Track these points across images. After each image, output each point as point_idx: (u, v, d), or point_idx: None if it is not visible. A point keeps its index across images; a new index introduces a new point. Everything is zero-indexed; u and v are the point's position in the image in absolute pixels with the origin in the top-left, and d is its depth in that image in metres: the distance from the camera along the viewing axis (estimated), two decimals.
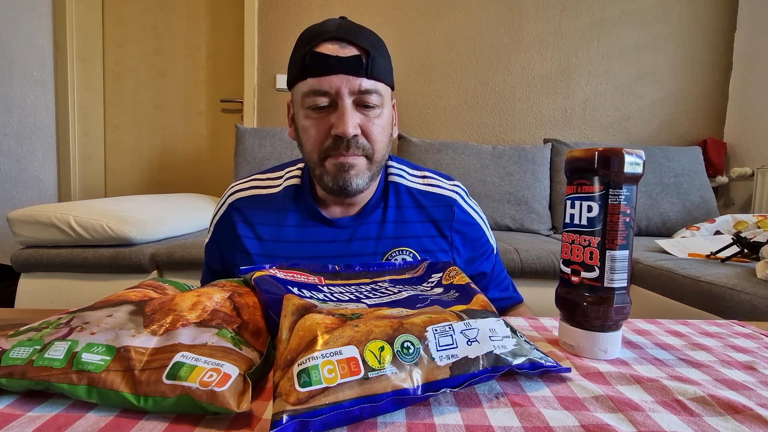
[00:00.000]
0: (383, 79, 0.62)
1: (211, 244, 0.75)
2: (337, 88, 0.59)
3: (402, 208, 0.71)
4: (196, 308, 0.38)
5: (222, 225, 0.72)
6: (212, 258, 0.76)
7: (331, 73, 0.58)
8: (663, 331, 0.53)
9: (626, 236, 0.42)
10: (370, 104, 0.61)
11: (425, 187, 0.73)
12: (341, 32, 0.59)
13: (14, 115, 2.25)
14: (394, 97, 0.69)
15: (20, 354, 0.32)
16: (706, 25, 2.30)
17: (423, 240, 0.70)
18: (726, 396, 0.34)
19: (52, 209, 1.36)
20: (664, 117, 2.34)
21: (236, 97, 2.36)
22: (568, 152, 0.45)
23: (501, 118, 2.32)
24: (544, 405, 0.33)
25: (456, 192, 0.74)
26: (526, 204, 1.95)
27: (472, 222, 0.74)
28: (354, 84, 0.59)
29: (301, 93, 0.62)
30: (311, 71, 0.59)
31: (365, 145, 0.62)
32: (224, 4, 2.36)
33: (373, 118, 0.62)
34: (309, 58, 0.59)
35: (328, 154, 0.62)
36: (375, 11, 2.25)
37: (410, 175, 0.75)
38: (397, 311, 0.37)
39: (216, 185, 2.40)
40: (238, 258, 0.70)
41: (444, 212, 0.71)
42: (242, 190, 0.73)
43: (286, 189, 0.72)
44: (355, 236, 0.69)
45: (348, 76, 0.59)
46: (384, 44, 0.64)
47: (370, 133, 0.62)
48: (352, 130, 0.59)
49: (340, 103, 0.59)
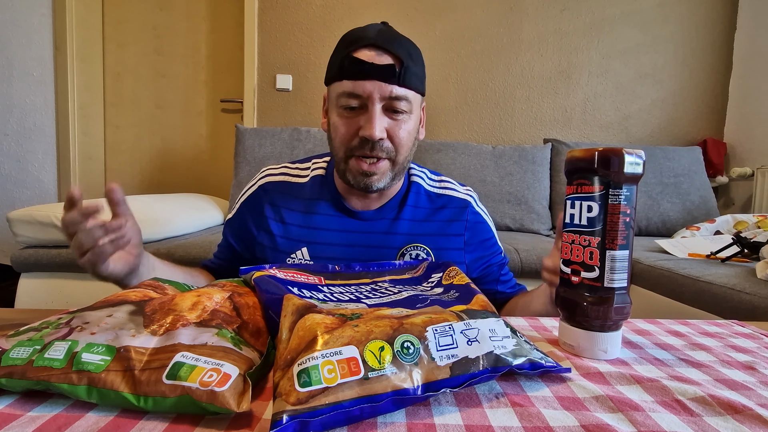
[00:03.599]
0: (414, 87, 0.65)
1: (235, 220, 0.79)
2: (370, 93, 0.62)
3: (419, 207, 0.76)
4: (196, 308, 0.38)
5: (250, 203, 0.77)
6: (233, 233, 0.79)
7: (365, 78, 0.62)
8: (663, 331, 0.53)
9: (626, 236, 0.42)
10: (399, 110, 0.65)
11: (442, 191, 0.79)
12: (380, 40, 0.63)
13: (14, 115, 2.25)
14: (424, 101, 0.74)
15: (20, 354, 0.32)
16: (706, 25, 2.30)
17: (437, 238, 0.75)
18: (726, 396, 0.34)
19: (52, 209, 1.36)
20: (664, 117, 2.34)
21: (236, 97, 2.36)
22: (568, 152, 0.45)
23: (501, 118, 2.32)
24: (544, 405, 0.33)
25: (470, 196, 0.80)
26: (526, 204, 1.95)
27: (483, 222, 0.80)
28: (386, 90, 0.63)
29: (336, 92, 0.66)
30: (348, 74, 0.63)
31: (389, 148, 0.66)
32: (224, 4, 2.36)
33: (401, 122, 0.66)
34: (347, 61, 0.63)
35: (354, 153, 0.66)
36: (375, 11, 2.25)
37: (429, 178, 0.81)
38: (397, 311, 0.37)
39: (216, 185, 2.40)
40: (261, 236, 0.74)
41: (458, 213, 0.77)
42: (274, 174, 0.78)
43: (313, 179, 0.77)
44: (376, 229, 0.74)
45: (381, 82, 0.62)
46: (419, 53, 0.68)
47: (395, 137, 0.66)
48: (378, 133, 0.63)
49: (371, 107, 0.63)
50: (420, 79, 0.67)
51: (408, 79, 0.64)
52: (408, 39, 0.67)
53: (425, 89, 0.70)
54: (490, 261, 0.80)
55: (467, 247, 0.77)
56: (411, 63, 0.64)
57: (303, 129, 2.00)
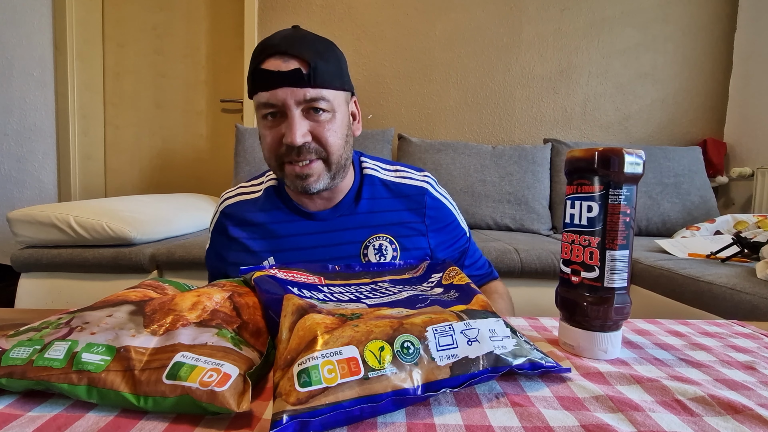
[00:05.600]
0: (329, 85, 0.64)
1: (210, 251, 0.81)
2: (283, 101, 0.63)
3: (376, 198, 0.77)
4: (196, 308, 0.38)
5: (217, 231, 0.79)
6: (213, 263, 0.81)
7: (275, 87, 0.62)
8: (663, 331, 0.53)
9: (626, 236, 0.42)
10: (319, 109, 0.64)
11: (398, 179, 0.79)
12: (284, 45, 0.62)
13: (14, 115, 2.25)
14: (354, 96, 0.74)
15: (20, 354, 0.32)
16: (706, 25, 2.30)
17: (398, 227, 0.75)
18: (726, 396, 0.34)
19: (52, 209, 1.36)
20: (664, 117, 2.34)
21: (236, 97, 2.36)
22: (568, 152, 0.45)
23: (501, 118, 2.32)
24: (544, 405, 0.33)
25: (426, 182, 0.80)
26: (526, 204, 1.95)
27: (443, 206, 0.80)
28: (299, 95, 0.62)
29: (256, 104, 0.66)
30: (260, 86, 0.64)
31: (318, 149, 0.66)
32: (224, 4, 2.36)
33: (324, 122, 0.65)
34: (257, 74, 0.64)
35: (284, 160, 0.67)
36: (375, 11, 2.25)
37: (383, 169, 0.81)
38: (397, 311, 0.37)
39: (216, 185, 2.40)
40: (237, 257, 0.75)
41: (416, 200, 0.77)
42: (230, 197, 0.80)
43: (266, 191, 0.78)
44: (334, 227, 0.74)
45: (292, 88, 0.62)
46: (333, 49, 0.67)
47: (321, 137, 0.65)
48: (299, 139, 0.63)
49: (289, 114, 0.63)
50: (335, 76, 0.65)
51: (320, 79, 0.63)
52: (319, 38, 0.66)
53: (349, 84, 0.69)
54: (453, 245, 0.81)
55: (429, 233, 0.77)
56: (321, 62, 0.63)
57: None
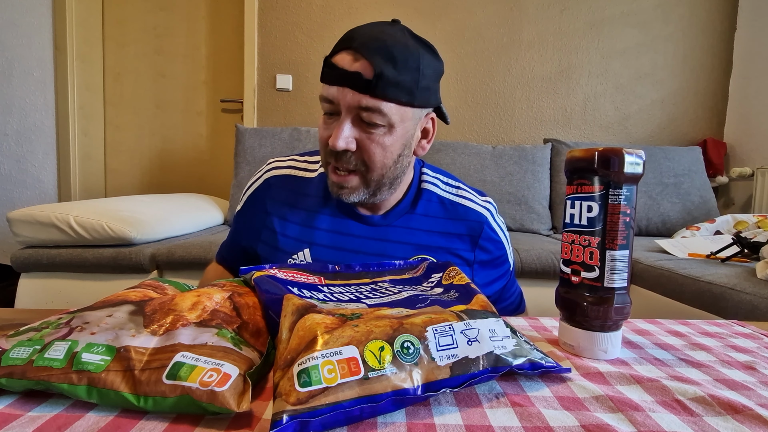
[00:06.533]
0: (394, 98, 0.58)
1: (240, 216, 0.76)
2: (339, 100, 0.59)
3: (431, 217, 0.71)
4: (196, 308, 0.38)
5: (254, 198, 0.73)
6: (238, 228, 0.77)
7: (335, 84, 0.58)
8: (663, 331, 0.53)
9: (626, 236, 0.42)
10: (373, 122, 0.59)
11: (457, 199, 0.73)
12: (362, 43, 0.57)
13: (14, 115, 2.25)
14: (432, 112, 0.66)
15: (20, 354, 0.32)
16: (706, 25, 2.30)
17: (444, 253, 0.69)
18: (726, 396, 0.34)
19: (52, 209, 1.36)
20: (664, 117, 2.34)
21: (236, 97, 2.36)
22: (568, 152, 0.45)
23: (501, 118, 2.32)
24: (544, 405, 0.33)
25: (487, 209, 0.74)
26: (526, 204, 1.95)
27: (497, 240, 0.74)
28: (354, 100, 0.57)
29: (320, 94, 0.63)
30: (324, 77, 0.60)
31: (359, 161, 0.61)
32: (224, 4, 2.36)
33: (375, 136, 0.60)
34: (325, 64, 0.60)
35: (328, 160, 0.63)
36: (375, 11, 2.25)
37: (444, 184, 0.75)
38: (397, 311, 0.37)
39: (216, 185, 2.40)
40: (264, 233, 0.71)
41: (472, 228, 0.71)
42: (280, 168, 0.74)
43: (321, 175, 0.71)
44: (380, 236, 0.69)
45: (350, 90, 0.57)
46: (417, 59, 0.58)
47: (366, 150, 0.60)
48: (341, 143, 0.58)
49: (341, 115, 0.59)
50: (405, 89, 0.58)
51: (383, 90, 0.56)
52: (407, 43, 0.58)
53: (425, 100, 0.61)
54: (494, 282, 0.75)
55: (476, 264, 0.72)
56: (391, 71, 0.56)
57: (303, 129, 2.00)
